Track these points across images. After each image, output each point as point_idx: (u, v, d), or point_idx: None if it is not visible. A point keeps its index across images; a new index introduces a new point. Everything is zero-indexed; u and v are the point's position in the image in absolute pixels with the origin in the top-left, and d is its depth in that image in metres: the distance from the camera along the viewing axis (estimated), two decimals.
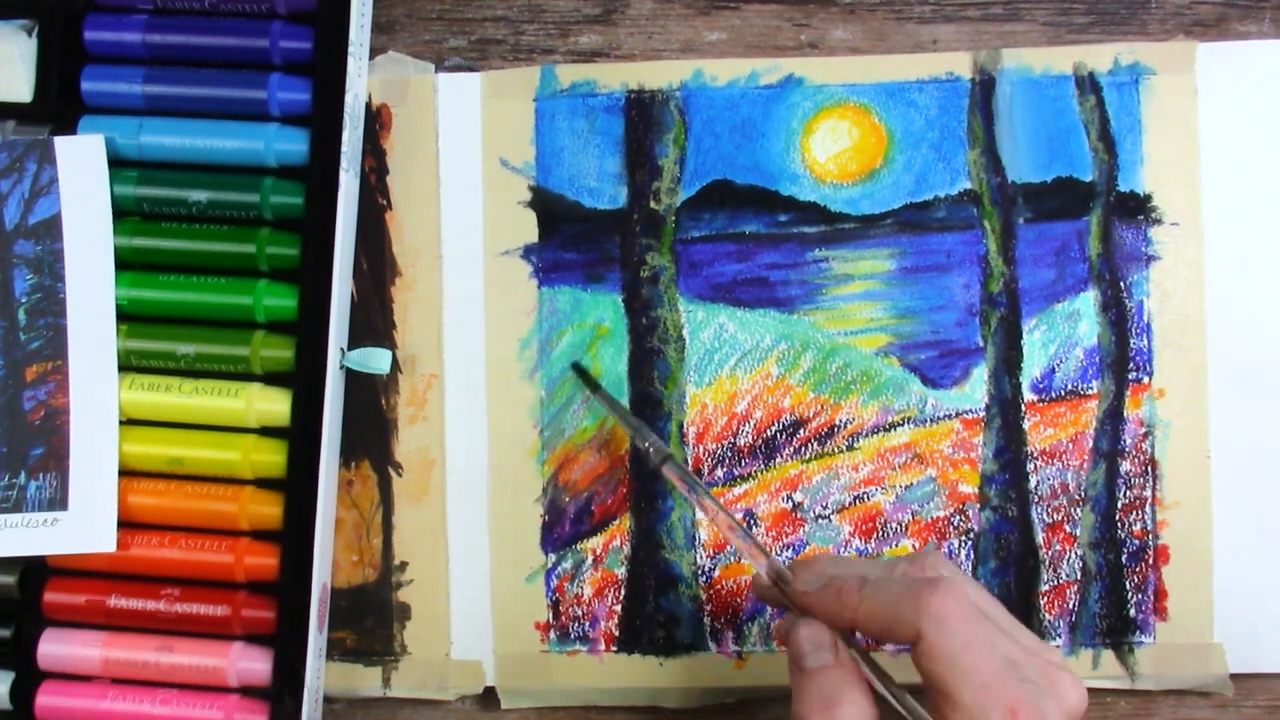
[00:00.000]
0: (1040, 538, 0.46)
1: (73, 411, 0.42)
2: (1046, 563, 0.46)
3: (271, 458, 0.45)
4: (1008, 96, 0.46)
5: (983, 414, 0.46)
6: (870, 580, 0.36)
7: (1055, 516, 0.46)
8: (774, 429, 0.47)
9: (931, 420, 0.46)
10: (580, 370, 0.46)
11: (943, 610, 0.34)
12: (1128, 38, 0.47)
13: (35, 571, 0.44)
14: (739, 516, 0.46)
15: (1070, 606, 0.46)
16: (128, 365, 0.45)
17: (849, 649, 0.37)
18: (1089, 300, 0.46)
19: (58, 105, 0.45)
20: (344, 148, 0.44)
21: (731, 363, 0.47)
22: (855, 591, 0.36)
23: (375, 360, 0.45)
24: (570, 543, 0.47)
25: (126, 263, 0.45)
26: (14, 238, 0.42)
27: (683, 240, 0.47)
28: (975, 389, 0.46)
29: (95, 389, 0.43)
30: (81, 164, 0.42)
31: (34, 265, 0.42)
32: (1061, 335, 0.46)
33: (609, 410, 0.46)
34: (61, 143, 0.43)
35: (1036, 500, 0.46)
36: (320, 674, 0.45)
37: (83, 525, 0.42)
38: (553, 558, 0.47)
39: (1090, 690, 0.36)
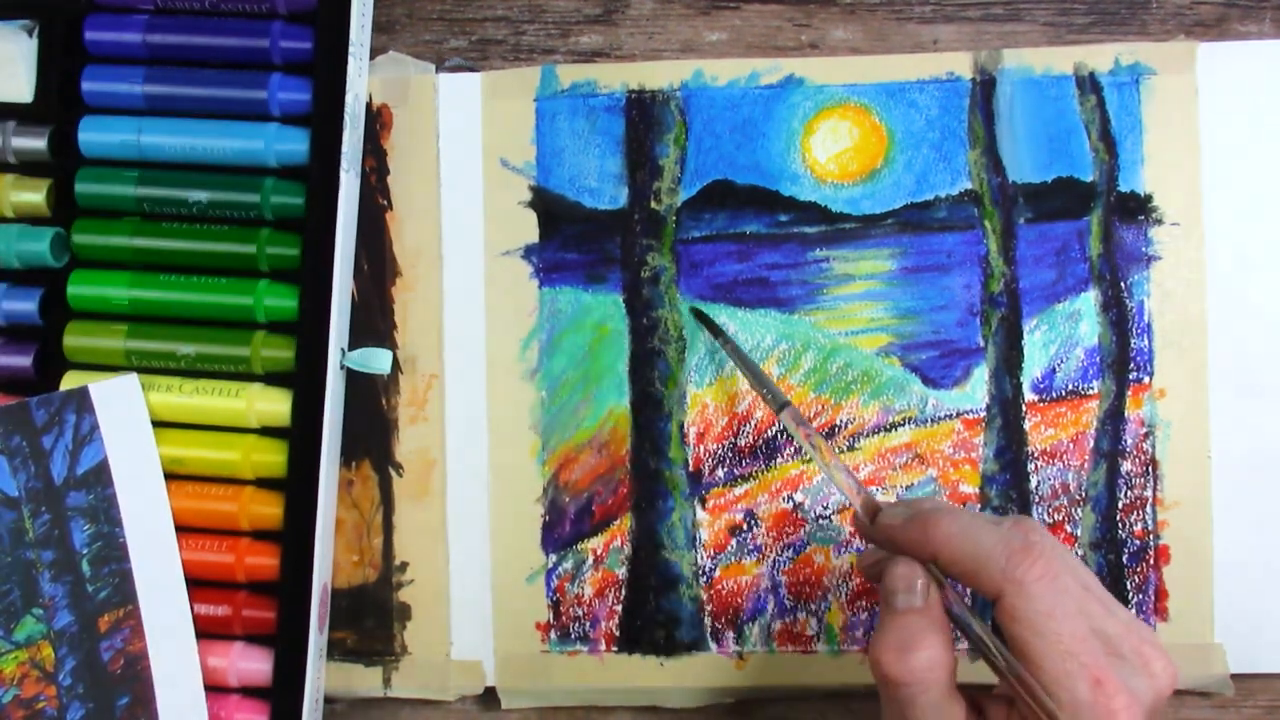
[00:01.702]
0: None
1: (151, 656, 0.43)
2: None
3: (272, 458, 0.45)
4: (1008, 96, 0.46)
5: (983, 414, 0.46)
6: (962, 520, 0.36)
7: (1056, 517, 0.46)
8: (775, 429, 0.47)
9: (932, 420, 0.46)
10: (702, 316, 0.46)
11: (1029, 575, 0.34)
12: (1128, 38, 0.47)
13: None
14: (740, 517, 0.46)
15: None
16: (128, 366, 0.45)
17: (950, 595, 0.36)
18: (1090, 300, 0.46)
19: (58, 105, 0.45)
20: (344, 148, 0.44)
21: (732, 363, 0.47)
22: (944, 524, 0.36)
23: (376, 360, 0.45)
24: (571, 543, 0.47)
25: (126, 263, 0.45)
26: (65, 491, 0.42)
27: (683, 240, 0.47)
28: (976, 389, 0.46)
29: (170, 627, 0.43)
30: (120, 405, 0.43)
31: (89, 515, 0.43)
32: (1062, 335, 0.46)
33: (731, 357, 0.45)
34: (97, 388, 0.43)
35: (1037, 500, 0.46)
36: (320, 674, 0.45)
37: None
38: (553, 558, 0.47)
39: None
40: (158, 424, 0.44)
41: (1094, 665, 0.33)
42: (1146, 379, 0.46)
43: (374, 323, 0.47)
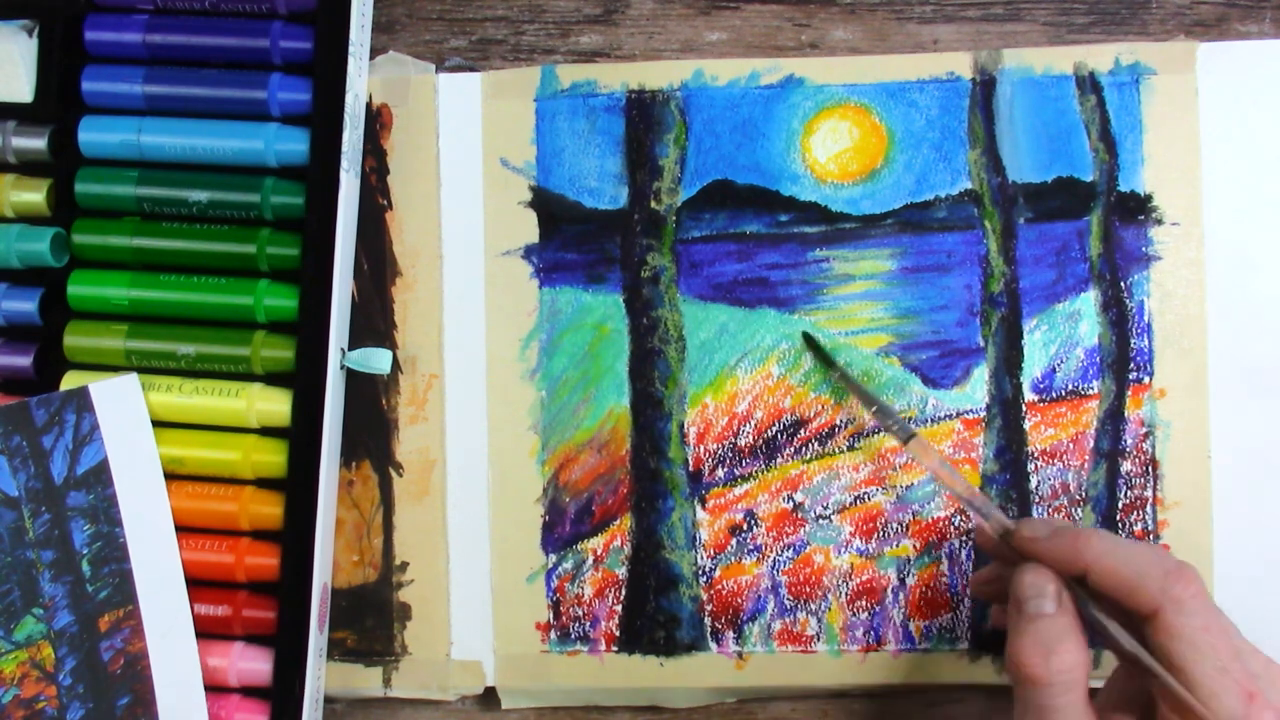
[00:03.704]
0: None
1: (152, 656, 0.43)
2: None
3: (272, 458, 0.45)
4: (1008, 96, 0.46)
5: (983, 414, 0.46)
6: (1112, 539, 0.38)
7: (1056, 517, 0.46)
8: (775, 429, 0.47)
9: (932, 420, 0.46)
10: (812, 342, 0.46)
11: (1186, 593, 0.36)
12: (1128, 38, 0.47)
13: None
14: (740, 517, 0.46)
15: None
16: (128, 366, 0.45)
17: (1080, 598, 0.38)
18: (1090, 300, 0.46)
19: (58, 105, 0.45)
20: (344, 148, 0.44)
21: (732, 363, 0.47)
22: (1094, 543, 0.37)
23: (376, 360, 0.45)
24: (571, 543, 0.47)
25: (126, 263, 0.45)
26: (65, 491, 0.42)
27: (683, 240, 0.47)
28: (976, 389, 0.46)
29: (170, 627, 0.43)
30: (120, 404, 0.43)
31: (89, 515, 0.43)
32: (1062, 335, 0.46)
33: (847, 386, 0.46)
34: (97, 388, 0.43)
35: (1037, 500, 0.46)
36: (321, 674, 0.45)
37: None
38: (553, 558, 0.47)
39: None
40: (158, 424, 0.44)
41: (1245, 681, 0.35)
42: (1146, 379, 0.46)
43: (374, 323, 0.47)
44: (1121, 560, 0.37)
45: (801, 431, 0.46)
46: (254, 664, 0.44)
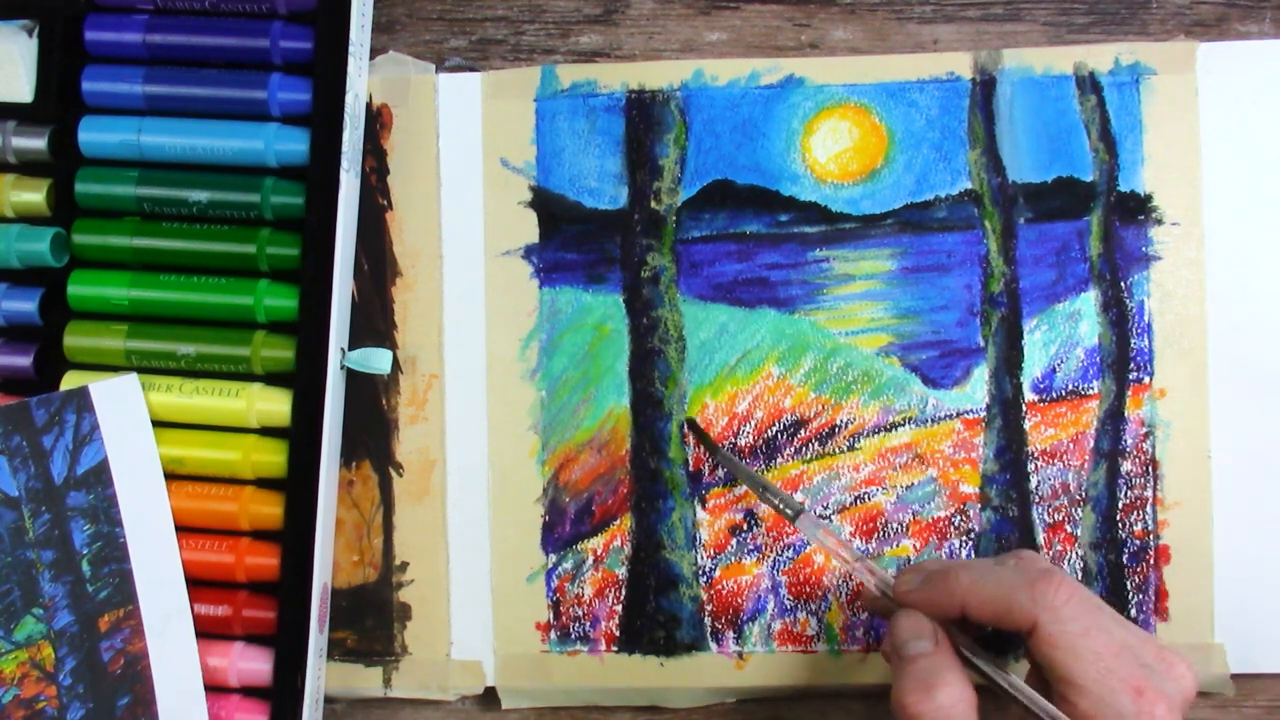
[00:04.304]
0: (1041, 538, 0.46)
1: (152, 655, 0.43)
2: None
3: (272, 458, 0.45)
4: (1008, 96, 0.46)
5: (983, 414, 0.46)
6: (977, 569, 0.38)
7: (1056, 517, 0.46)
8: (775, 429, 0.47)
9: (932, 420, 0.46)
10: (695, 428, 0.46)
11: (1058, 599, 0.36)
12: (1128, 38, 0.47)
13: None
14: (739, 517, 0.46)
15: None
16: (128, 366, 0.45)
17: (951, 636, 0.38)
18: (1090, 300, 0.46)
19: (58, 105, 0.45)
20: (344, 148, 0.44)
21: (732, 363, 0.47)
22: (964, 577, 0.38)
23: (376, 360, 0.45)
24: (571, 543, 0.47)
25: (126, 263, 0.45)
26: (65, 491, 0.42)
27: (683, 240, 0.47)
28: (976, 389, 0.46)
29: (170, 627, 0.43)
30: (120, 404, 0.43)
31: (89, 515, 0.43)
32: (1062, 335, 0.46)
33: (734, 471, 0.46)
34: (97, 388, 0.43)
35: (1037, 500, 0.46)
36: (321, 674, 0.45)
37: None
38: (553, 558, 0.47)
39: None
40: (158, 424, 0.44)
41: (1132, 677, 0.35)
42: (1146, 379, 0.46)
43: (374, 323, 0.47)
44: (989, 584, 0.37)
45: (801, 431, 0.46)
46: (254, 664, 0.44)
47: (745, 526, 0.46)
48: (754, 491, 0.45)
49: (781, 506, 0.43)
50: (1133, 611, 0.46)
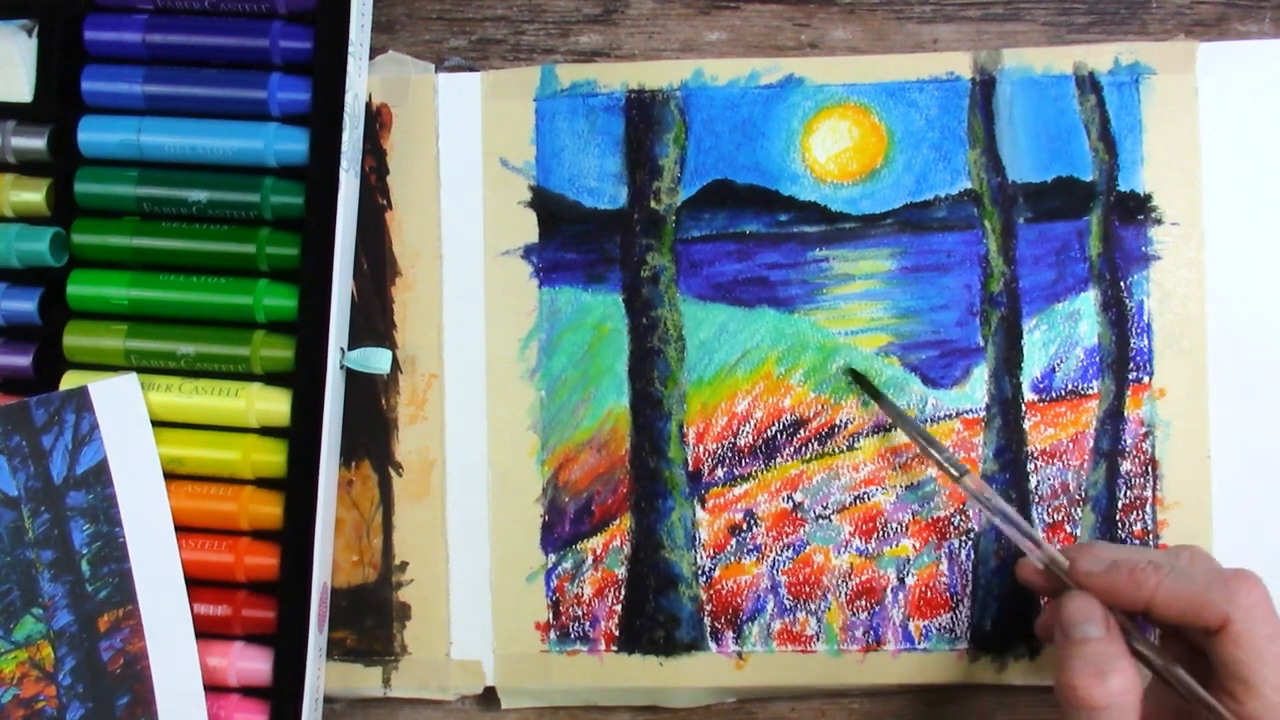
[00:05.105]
0: (1040, 538, 0.46)
1: (151, 655, 0.43)
2: None
3: (271, 458, 0.45)
4: (1008, 96, 0.46)
5: (983, 414, 0.46)
6: (1166, 566, 0.38)
7: (1056, 516, 0.46)
8: (774, 429, 0.47)
9: (932, 420, 0.46)
10: (859, 376, 0.46)
11: (1251, 600, 0.36)
12: (1128, 38, 0.47)
13: None
14: (740, 517, 0.46)
15: None
16: (128, 366, 0.45)
17: (1124, 624, 0.38)
18: (1089, 300, 0.46)
19: (58, 105, 0.45)
20: (344, 148, 0.44)
21: (732, 362, 0.47)
22: (1153, 573, 0.38)
23: (375, 360, 0.45)
24: (570, 543, 0.47)
25: (126, 263, 0.45)
26: (65, 490, 0.42)
27: (683, 240, 0.47)
28: (975, 389, 0.46)
29: (170, 627, 0.43)
30: (119, 404, 0.43)
31: (89, 514, 0.43)
32: (1062, 335, 0.46)
33: (896, 420, 0.45)
34: (97, 388, 0.43)
35: (1037, 500, 0.46)
36: (320, 674, 0.45)
37: None
38: (553, 558, 0.47)
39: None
40: (157, 424, 0.44)
41: None
42: (1146, 379, 0.46)
43: (374, 323, 0.47)
44: (1181, 582, 0.37)
45: (801, 431, 0.46)
46: (254, 664, 0.44)
47: (745, 526, 0.46)
48: (917, 445, 0.45)
49: (947, 465, 0.43)
50: None
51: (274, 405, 0.45)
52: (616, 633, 0.47)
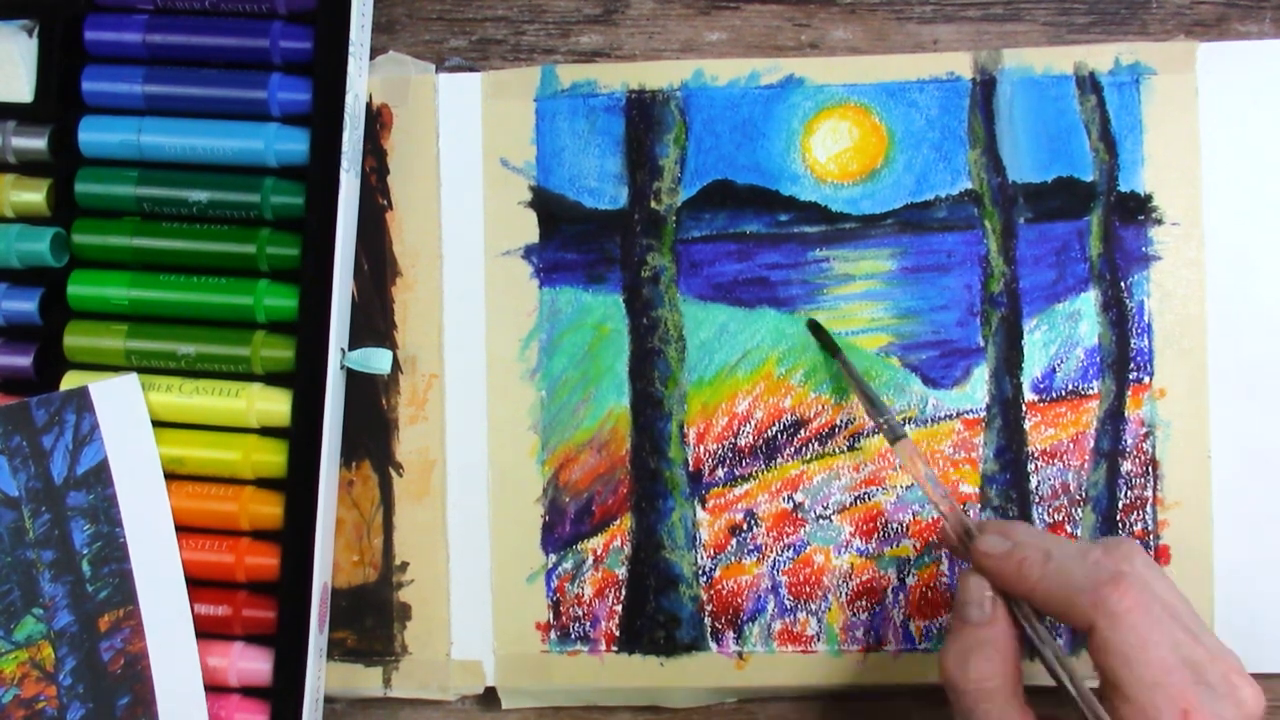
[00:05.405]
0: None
1: (152, 656, 0.43)
2: None
3: (272, 458, 0.45)
4: (1008, 96, 0.46)
5: (983, 414, 0.46)
6: (1055, 559, 0.37)
7: (1056, 517, 0.46)
8: (775, 429, 0.47)
9: (932, 420, 0.46)
10: (817, 329, 0.46)
11: (1119, 606, 0.35)
12: (1128, 38, 0.47)
13: None
14: (740, 517, 0.46)
15: None
16: (128, 366, 0.45)
17: (1015, 612, 0.38)
18: (1090, 300, 0.46)
19: (58, 105, 0.45)
20: (344, 148, 0.44)
21: (732, 363, 0.47)
22: (1038, 566, 0.37)
23: (376, 360, 0.45)
24: (571, 543, 0.47)
25: (126, 263, 0.45)
26: (65, 491, 0.42)
27: (683, 240, 0.47)
28: (976, 389, 0.46)
29: (170, 627, 0.43)
30: (120, 404, 0.43)
31: (89, 515, 0.43)
32: (1062, 335, 0.46)
33: (847, 377, 0.45)
34: (97, 388, 0.43)
35: (1037, 500, 0.46)
36: (320, 674, 0.45)
37: None
38: (553, 558, 0.47)
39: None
40: (158, 424, 0.44)
41: (1181, 696, 0.34)
42: (1146, 379, 0.46)
43: (374, 323, 0.47)
44: (1058, 579, 0.36)
45: (801, 431, 0.46)
46: (254, 664, 0.44)
47: (745, 526, 0.46)
48: (862, 403, 0.45)
49: (885, 427, 0.43)
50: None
51: (274, 405, 0.45)
52: (617, 633, 0.47)
